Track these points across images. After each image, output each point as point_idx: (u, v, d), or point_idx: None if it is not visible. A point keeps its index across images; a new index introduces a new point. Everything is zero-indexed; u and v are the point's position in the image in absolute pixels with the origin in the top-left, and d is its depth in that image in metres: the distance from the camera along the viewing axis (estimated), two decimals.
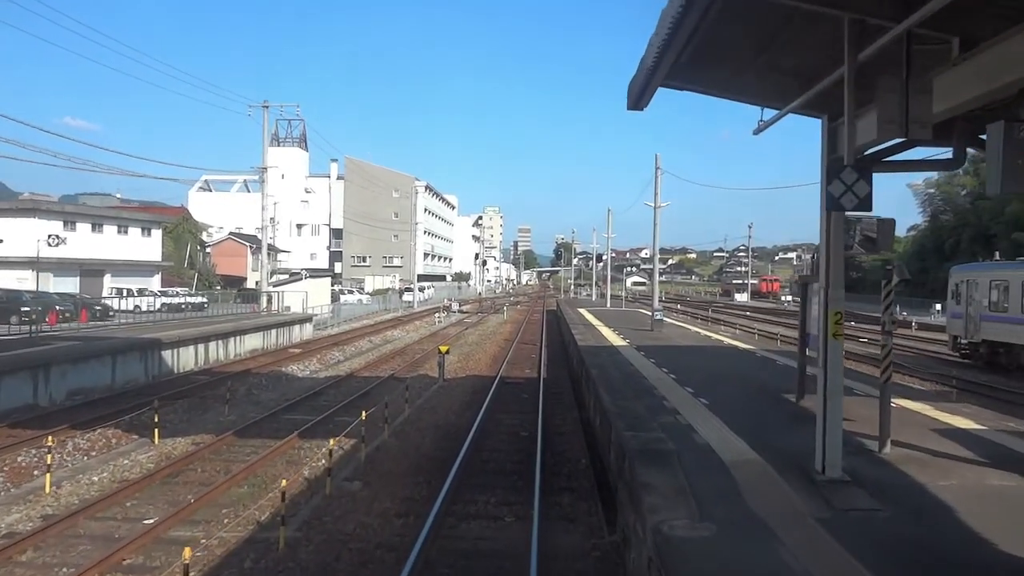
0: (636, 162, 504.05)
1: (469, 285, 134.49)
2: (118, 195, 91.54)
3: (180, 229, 74.69)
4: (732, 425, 10.84)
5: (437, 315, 54.52)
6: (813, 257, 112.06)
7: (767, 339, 37.40)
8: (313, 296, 45.81)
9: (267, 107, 40.99)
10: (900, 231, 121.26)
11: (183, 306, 43.81)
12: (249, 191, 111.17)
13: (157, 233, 59.60)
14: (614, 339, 26.50)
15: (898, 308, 77.29)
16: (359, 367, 27.45)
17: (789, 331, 45.03)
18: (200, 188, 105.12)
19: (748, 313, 71.04)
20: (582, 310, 49.12)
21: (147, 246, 57.82)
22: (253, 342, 32.65)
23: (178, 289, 53.15)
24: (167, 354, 25.15)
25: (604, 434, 12.87)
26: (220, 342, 29.45)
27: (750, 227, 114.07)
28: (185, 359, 26.38)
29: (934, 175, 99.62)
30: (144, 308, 41.56)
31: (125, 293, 45.37)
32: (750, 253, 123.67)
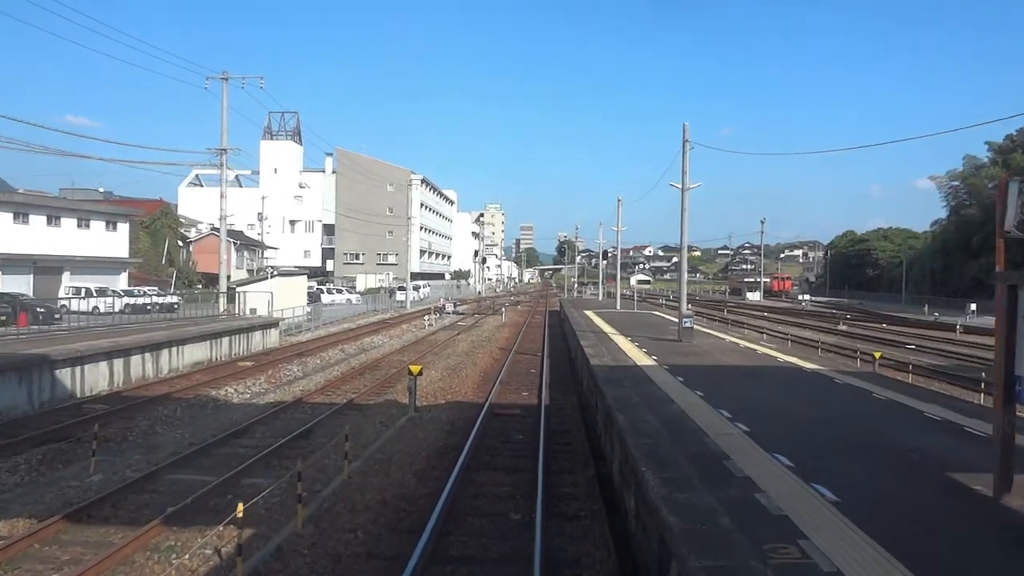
0: (640, 162, 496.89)
1: (468, 284, 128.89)
2: (101, 189, 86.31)
3: (158, 224, 69.52)
4: (918, 570, 5.30)
5: (427, 317, 48.93)
6: (826, 255, 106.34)
7: (804, 347, 31.88)
8: (284, 296, 40.30)
9: (226, 79, 35.49)
10: (921, 225, 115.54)
11: (149, 307, 38.90)
12: (241, 185, 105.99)
13: (124, 227, 54.56)
14: (635, 354, 20.92)
15: (926, 308, 71.82)
16: (314, 388, 21.93)
17: (828, 337, 39.33)
18: (191, 183, 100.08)
19: (766, 314, 65.47)
20: (589, 312, 43.52)
21: (112, 241, 52.91)
22: (197, 353, 27.14)
23: (145, 288, 48.20)
24: (64, 374, 19.63)
25: (650, 546, 7.34)
26: (149, 355, 23.94)
27: (763, 223, 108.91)
28: (93, 379, 20.85)
29: (958, 166, 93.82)
30: (103, 310, 36.68)
31: (83, 293, 40.67)
32: (762, 251, 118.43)
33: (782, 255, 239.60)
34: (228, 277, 47.44)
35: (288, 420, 17.22)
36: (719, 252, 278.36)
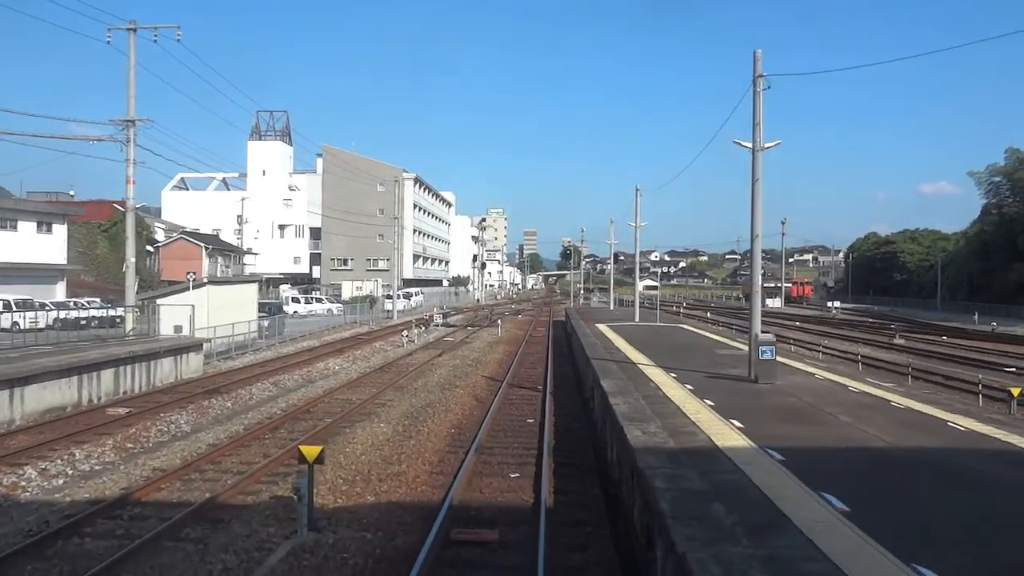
0: (644, 167, 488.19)
1: (468, 290, 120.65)
2: (72, 192, 79.18)
3: (119, 227, 61.94)
4: None
5: (406, 333, 40.66)
6: (848, 258, 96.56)
7: (881, 372, 23.67)
8: (223, 309, 32.26)
9: (134, 30, 27.42)
10: (959, 224, 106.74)
11: (84, 322, 31.54)
12: (229, 189, 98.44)
13: (61, 228, 47.39)
14: (699, 413, 12.56)
15: (975, 316, 63.32)
16: (180, 464, 13.67)
17: (895, 356, 30.72)
18: (175, 186, 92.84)
19: (798, 324, 57.01)
20: (602, 327, 35.16)
21: (46, 245, 45.88)
22: (52, 396, 18.97)
23: (85, 300, 40.87)
24: None
25: None
26: None
27: (783, 223, 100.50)
28: None
29: (1000, 160, 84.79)
30: (24, 326, 29.58)
31: (1, 306, 33.74)
32: (783, 254, 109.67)
33: (791, 259, 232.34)
34: (180, 285, 39.53)
35: (57, 559, 9.04)
36: (726, 257, 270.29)
